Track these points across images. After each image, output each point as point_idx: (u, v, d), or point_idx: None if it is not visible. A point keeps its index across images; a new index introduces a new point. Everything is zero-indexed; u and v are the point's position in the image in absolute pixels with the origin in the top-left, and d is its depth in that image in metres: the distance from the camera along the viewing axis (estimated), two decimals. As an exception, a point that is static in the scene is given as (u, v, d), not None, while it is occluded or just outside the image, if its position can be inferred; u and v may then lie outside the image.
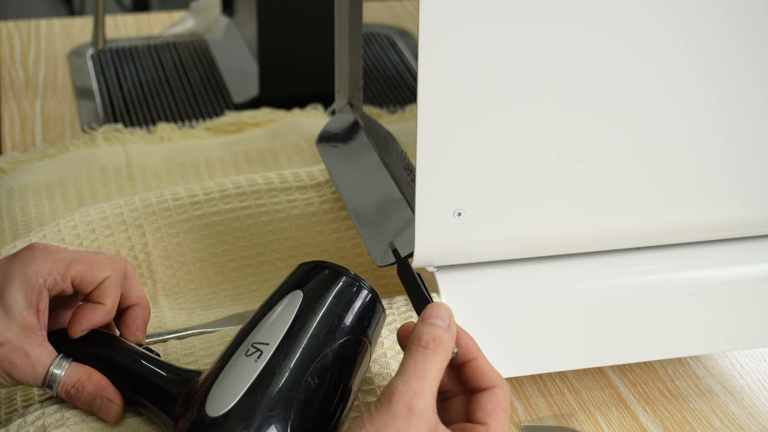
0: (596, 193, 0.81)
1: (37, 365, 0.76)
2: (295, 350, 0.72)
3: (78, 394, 0.76)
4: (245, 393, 0.70)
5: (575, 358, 0.86)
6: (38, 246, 0.78)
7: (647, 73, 0.78)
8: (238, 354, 0.72)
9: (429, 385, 0.69)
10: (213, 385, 0.72)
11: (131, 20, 1.60)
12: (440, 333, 0.70)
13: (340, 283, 0.76)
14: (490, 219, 0.80)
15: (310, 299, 0.75)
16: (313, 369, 0.72)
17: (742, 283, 0.87)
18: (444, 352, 0.70)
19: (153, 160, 1.20)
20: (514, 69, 0.75)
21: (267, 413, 0.69)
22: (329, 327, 0.74)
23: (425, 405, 0.68)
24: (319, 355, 0.72)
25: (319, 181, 1.04)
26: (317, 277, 0.76)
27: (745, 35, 0.78)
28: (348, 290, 0.75)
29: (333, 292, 0.75)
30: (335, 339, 0.73)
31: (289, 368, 0.71)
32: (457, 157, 0.77)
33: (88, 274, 0.78)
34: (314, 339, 0.73)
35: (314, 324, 0.74)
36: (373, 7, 1.60)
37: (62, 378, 0.76)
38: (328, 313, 0.74)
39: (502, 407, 0.72)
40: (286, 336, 0.73)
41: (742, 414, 0.88)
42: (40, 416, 0.76)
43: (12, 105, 1.34)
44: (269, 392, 0.70)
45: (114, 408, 0.76)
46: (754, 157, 0.82)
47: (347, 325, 0.74)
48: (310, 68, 1.34)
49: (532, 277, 0.84)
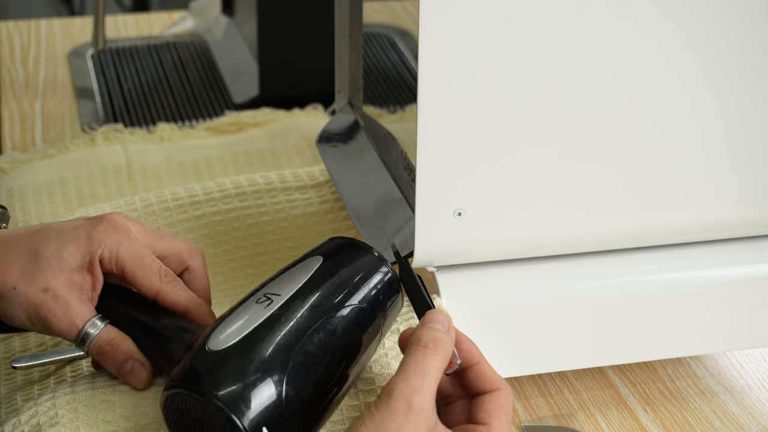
0: (596, 194, 0.81)
1: (75, 317, 0.77)
2: (304, 303, 0.74)
3: (112, 351, 0.77)
4: (248, 334, 0.71)
5: (575, 358, 0.86)
6: (120, 222, 0.80)
7: (647, 73, 0.78)
8: (251, 301, 0.74)
9: (428, 383, 0.69)
10: (220, 323, 0.73)
11: (131, 20, 1.60)
12: (440, 335, 0.71)
13: (363, 255, 0.77)
14: (490, 219, 0.80)
15: (330, 264, 0.77)
16: (319, 325, 0.73)
17: (742, 283, 0.87)
18: (443, 353, 0.71)
19: (153, 160, 1.20)
20: (514, 69, 0.75)
21: (266, 356, 0.70)
22: (343, 291, 0.75)
23: (424, 402, 0.68)
24: (327, 315, 0.73)
25: (319, 181, 1.04)
26: (342, 248, 0.78)
27: (744, 35, 0.78)
28: (369, 263, 0.77)
29: (354, 262, 0.77)
30: (347, 304, 0.74)
31: (295, 318, 0.72)
32: (457, 157, 0.77)
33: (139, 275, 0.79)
34: (325, 298, 0.74)
35: (328, 284, 0.75)
36: (373, 7, 1.60)
37: (98, 333, 0.77)
38: (345, 278, 0.76)
39: (505, 410, 0.72)
40: (299, 290, 0.74)
41: (742, 414, 0.88)
42: (33, 415, 0.76)
43: (12, 105, 1.34)
44: (272, 337, 0.71)
45: (144, 373, 0.77)
46: (753, 157, 0.82)
47: (361, 294, 0.75)
48: (310, 68, 1.34)
49: (532, 277, 0.84)
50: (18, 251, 0.78)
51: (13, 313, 0.78)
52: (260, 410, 0.69)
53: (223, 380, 0.69)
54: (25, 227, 0.82)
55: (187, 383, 0.70)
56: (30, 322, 0.78)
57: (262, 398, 0.69)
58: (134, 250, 0.79)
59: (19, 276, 0.77)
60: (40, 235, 0.79)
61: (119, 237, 0.79)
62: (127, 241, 0.79)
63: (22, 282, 0.77)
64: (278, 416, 0.70)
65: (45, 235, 0.79)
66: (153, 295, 0.79)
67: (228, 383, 0.69)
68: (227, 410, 0.69)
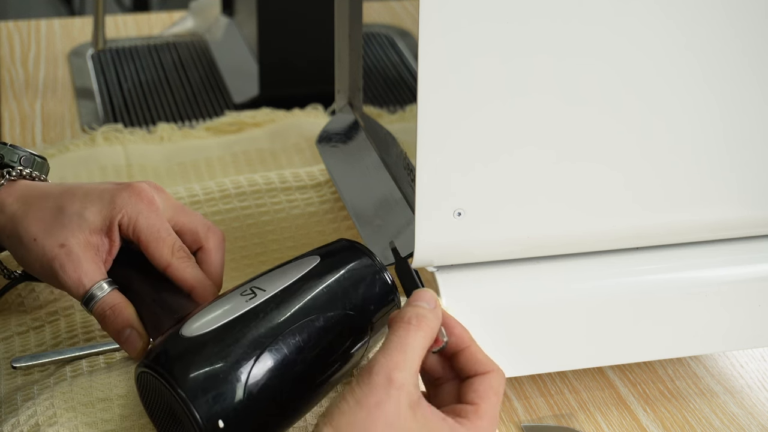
0: (596, 193, 0.81)
1: (84, 276, 0.79)
2: (287, 302, 0.73)
3: (113, 316, 0.79)
4: (222, 325, 0.72)
5: (575, 358, 0.86)
6: (145, 191, 0.82)
7: (647, 72, 0.77)
8: (236, 292, 0.74)
9: (410, 359, 0.69)
10: (200, 311, 0.74)
11: (131, 20, 1.60)
12: (424, 312, 0.71)
13: (362, 261, 0.77)
14: (490, 219, 0.80)
15: (325, 266, 0.76)
16: (297, 327, 0.72)
17: (742, 283, 0.87)
18: (427, 330, 0.70)
19: (153, 160, 1.20)
20: (514, 69, 0.75)
21: (234, 350, 0.70)
22: (331, 295, 0.74)
23: (405, 377, 0.68)
24: (309, 317, 0.73)
25: (319, 181, 1.04)
26: (342, 251, 0.78)
27: (745, 35, 0.78)
28: (366, 270, 0.76)
29: (350, 267, 0.76)
30: (333, 309, 0.74)
31: (273, 316, 0.72)
32: (457, 157, 0.77)
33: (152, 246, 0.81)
34: (311, 300, 0.73)
35: (317, 285, 0.74)
36: (373, 7, 1.60)
37: (103, 296, 0.79)
38: (336, 282, 0.75)
39: (495, 391, 0.71)
40: (285, 288, 0.74)
41: (742, 414, 0.88)
42: (32, 414, 0.76)
43: (12, 105, 1.34)
44: (245, 331, 0.71)
45: (140, 343, 0.79)
46: (754, 157, 0.82)
47: (351, 301, 0.75)
48: (310, 68, 1.34)
49: (532, 277, 0.84)
50: (46, 205, 0.81)
51: (29, 263, 0.81)
52: (219, 403, 0.69)
53: (187, 367, 0.70)
54: (59, 183, 0.85)
55: (154, 364, 0.71)
56: (43, 273, 0.80)
57: (222, 391, 0.69)
58: (152, 220, 0.81)
59: (42, 229, 0.80)
60: (68, 193, 0.82)
61: (141, 205, 0.81)
62: (148, 210, 0.81)
63: (43, 234, 0.80)
64: (237, 412, 0.69)
65: (72, 193, 0.82)
66: (163, 268, 0.80)
67: (190, 371, 0.70)
68: (185, 397, 0.69)
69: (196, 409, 0.69)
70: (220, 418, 0.69)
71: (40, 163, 0.88)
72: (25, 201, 0.83)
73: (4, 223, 0.83)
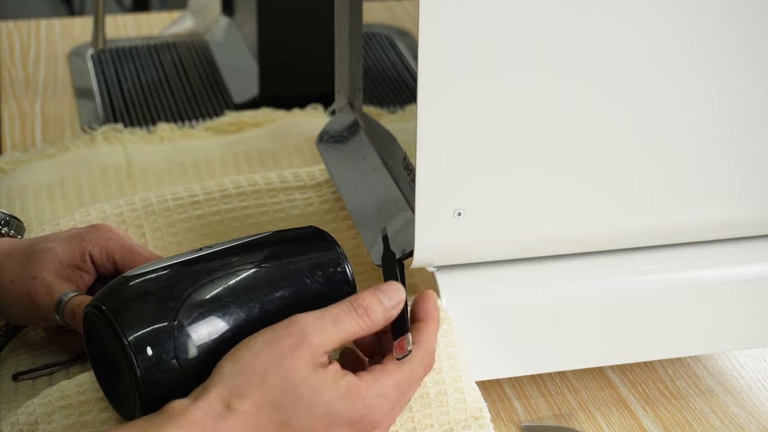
0: (596, 193, 0.81)
1: (55, 294, 0.83)
2: (228, 252, 0.76)
3: (80, 310, 0.80)
4: (161, 266, 0.74)
5: (575, 358, 0.86)
6: (110, 225, 0.88)
7: (649, 73, 0.77)
8: (189, 251, 0.77)
9: (335, 333, 0.71)
10: (152, 261, 0.77)
11: (131, 20, 1.60)
12: (377, 308, 0.73)
13: (319, 240, 0.79)
14: (490, 219, 0.80)
15: (280, 235, 0.79)
16: (233, 270, 0.74)
17: (742, 283, 0.87)
18: (367, 323, 0.72)
19: (153, 160, 1.20)
20: (514, 69, 0.75)
21: (168, 283, 0.72)
22: (274, 253, 0.76)
23: (320, 342, 0.70)
24: (247, 263, 0.75)
25: (319, 181, 1.04)
26: (303, 230, 0.80)
27: (750, 36, 0.78)
28: (319, 244, 0.78)
29: (304, 240, 0.79)
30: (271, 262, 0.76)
31: (211, 259, 0.75)
32: (457, 157, 0.77)
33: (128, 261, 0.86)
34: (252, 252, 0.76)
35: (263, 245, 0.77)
36: (373, 7, 1.60)
37: (72, 298, 0.82)
38: (284, 245, 0.77)
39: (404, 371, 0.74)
40: (232, 245, 0.77)
41: (742, 414, 0.88)
42: (31, 413, 0.76)
43: (12, 105, 1.34)
44: (182, 269, 0.74)
45: None
46: (755, 157, 0.82)
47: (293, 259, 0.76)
48: (310, 68, 1.34)
49: (532, 277, 0.84)
50: (19, 250, 0.86)
51: (10, 306, 0.85)
52: (148, 330, 0.70)
53: (120, 296, 0.72)
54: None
55: (94, 301, 0.73)
56: (23, 310, 0.84)
57: (152, 319, 0.71)
58: (123, 241, 0.86)
59: (16, 271, 0.84)
60: (39, 238, 0.88)
61: (109, 233, 0.86)
62: (117, 236, 0.86)
63: (17, 274, 0.84)
64: (165, 341, 0.70)
65: (44, 237, 0.87)
66: None
67: (123, 299, 0.72)
68: (115, 322, 0.71)
69: (126, 333, 0.70)
70: (149, 346, 0.70)
71: (18, 225, 0.93)
72: (1, 251, 0.86)
73: None
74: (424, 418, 0.78)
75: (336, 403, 0.70)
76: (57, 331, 0.87)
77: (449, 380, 0.80)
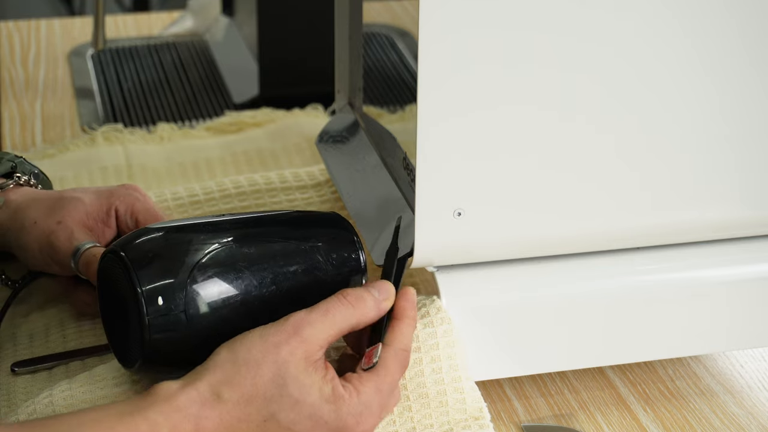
0: (596, 193, 0.81)
1: (75, 241, 0.85)
2: (249, 221, 0.77)
3: (95, 261, 0.82)
4: (184, 224, 0.76)
5: (575, 358, 0.86)
6: (139, 187, 0.90)
7: (650, 74, 0.77)
8: (215, 215, 0.78)
9: (327, 326, 0.72)
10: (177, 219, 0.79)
11: (131, 20, 1.60)
12: (367, 297, 0.74)
13: (338, 224, 0.80)
14: (490, 219, 0.80)
15: (304, 215, 0.80)
16: (250, 239, 0.75)
17: (741, 283, 0.87)
18: (359, 312, 0.74)
19: (153, 160, 1.20)
20: (514, 68, 0.75)
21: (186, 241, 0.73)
22: (294, 229, 0.77)
23: (313, 335, 0.71)
24: (266, 236, 0.76)
25: (319, 181, 1.04)
26: (328, 215, 0.81)
27: (747, 35, 0.78)
28: (340, 230, 0.79)
29: (325, 224, 0.79)
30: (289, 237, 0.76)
31: (232, 227, 0.76)
32: (457, 157, 0.77)
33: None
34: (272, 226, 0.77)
35: (285, 221, 0.78)
36: (373, 7, 1.60)
37: (89, 248, 0.84)
38: (304, 224, 0.79)
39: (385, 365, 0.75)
40: (256, 216, 0.78)
41: (742, 414, 0.88)
42: (32, 413, 0.77)
43: (12, 105, 1.34)
44: (202, 229, 0.75)
45: None
46: (755, 157, 0.82)
47: (310, 238, 0.77)
48: (310, 68, 1.34)
49: (532, 277, 0.84)
50: (48, 196, 0.89)
51: (28, 244, 0.86)
52: (162, 281, 0.72)
53: (140, 246, 0.73)
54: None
55: (114, 246, 0.74)
56: (41, 253, 0.86)
57: (167, 272, 0.72)
58: (148, 204, 0.89)
59: (42, 213, 0.87)
60: (69, 188, 0.91)
61: (137, 194, 0.89)
62: (144, 198, 0.89)
63: (42, 217, 0.86)
64: (177, 295, 0.72)
65: (73, 189, 0.90)
66: None
67: (143, 250, 0.73)
68: (131, 269, 0.72)
69: (141, 281, 0.71)
70: (160, 296, 0.71)
71: (45, 181, 0.95)
72: (28, 196, 0.88)
73: (7, 216, 0.88)
74: (424, 418, 0.78)
75: (321, 407, 0.71)
76: (69, 284, 0.89)
77: (449, 380, 0.80)
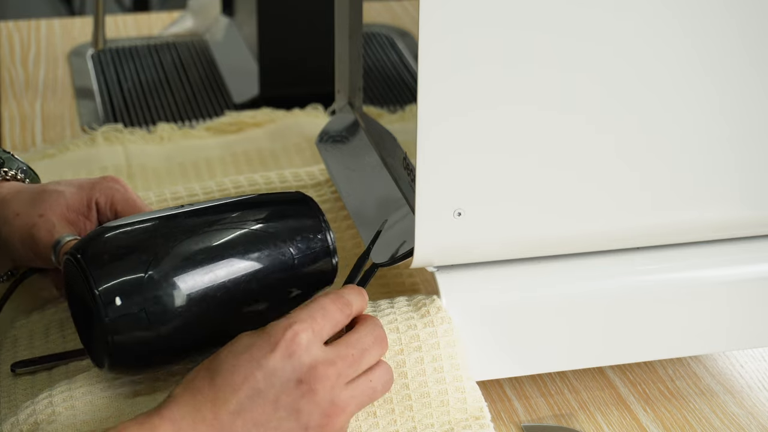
0: (596, 193, 0.81)
1: (54, 233, 0.85)
2: (208, 210, 0.76)
3: None
4: (139, 219, 0.75)
5: (575, 358, 0.86)
6: (119, 178, 0.90)
7: (650, 74, 0.77)
8: (174, 207, 0.77)
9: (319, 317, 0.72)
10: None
11: (131, 20, 1.60)
12: (346, 291, 0.75)
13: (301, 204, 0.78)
14: (490, 219, 0.80)
15: (266, 198, 0.79)
16: (209, 229, 0.74)
17: (741, 283, 0.87)
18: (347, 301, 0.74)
19: (153, 160, 1.20)
20: (514, 68, 0.75)
21: (141, 238, 0.73)
22: (254, 214, 0.76)
23: (308, 339, 0.71)
24: (225, 223, 0.75)
25: (319, 181, 1.04)
26: (293, 196, 0.80)
27: (747, 35, 0.78)
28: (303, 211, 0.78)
29: (290, 205, 0.78)
30: (249, 223, 0.75)
31: (189, 217, 0.75)
32: (457, 157, 0.77)
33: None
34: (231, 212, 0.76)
35: (245, 206, 0.77)
36: (373, 7, 1.60)
37: (70, 240, 0.84)
38: (266, 208, 0.77)
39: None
40: (215, 204, 0.77)
41: (742, 414, 0.88)
42: (31, 413, 0.76)
43: (12, 105, 1.34)
44: (157, 224, 0.74)
45: None
46: (755, 157, 0.82)
47: (272, 223, 0.76)
48: (310, 68, 1.34)
49: (531, 277, 0.84)
50: (30, 189, 0.89)
51: (10, 238, 0.87)
52: (118, 281, 0.71)
53: (96, 246, 0.73)
54: None
55: (71, 249, 0.74)
56: (21, 243, 0.86)
57: (124, 271, 0.71)
58: (128, 195, 0.89)
59: (24, 205, 0.87)
60: (52, 181, 0.91)
61: (116, 185, 0.89)
62: (124, 189, 0.89)
63: (24, 210, 0.87)
64: (135, 294, 0.71)
65: (56, 181, 0.90)
66: None
67: (98, 250, 0.72)
68: (87, 271, 0.71)
69: (97, 282, 0.70)
70: (118, 296, 0.71)
71: (34, 178, 0.94)
72: (12, 189, 0.90)
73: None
74: (425, 417, 0.78)
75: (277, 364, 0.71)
76: (56, 276, 0.89)
77: (450, 380, 0.80)
